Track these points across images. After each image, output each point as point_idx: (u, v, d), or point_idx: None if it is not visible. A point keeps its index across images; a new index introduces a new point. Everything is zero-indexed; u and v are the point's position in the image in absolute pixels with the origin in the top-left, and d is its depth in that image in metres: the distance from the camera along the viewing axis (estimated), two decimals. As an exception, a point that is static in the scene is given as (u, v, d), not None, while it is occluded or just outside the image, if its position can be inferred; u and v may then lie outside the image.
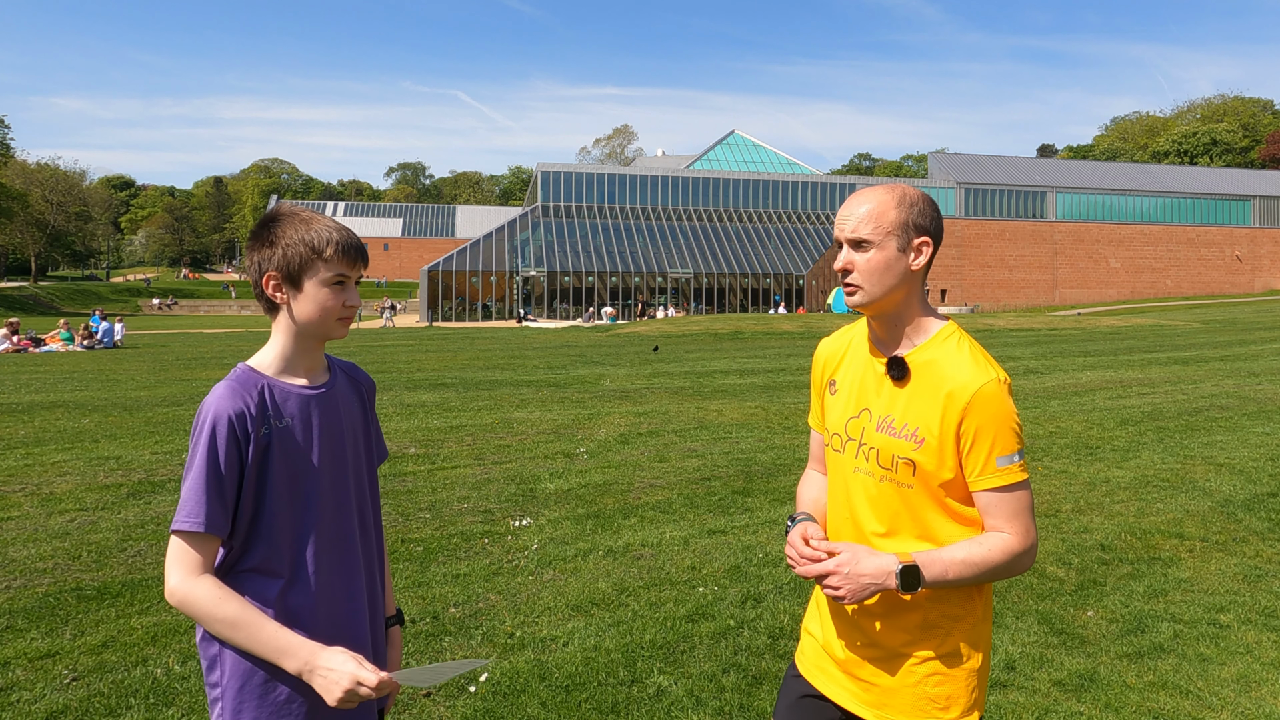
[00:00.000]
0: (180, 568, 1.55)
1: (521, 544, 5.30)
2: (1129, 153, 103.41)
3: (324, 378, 1.77)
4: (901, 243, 1.69)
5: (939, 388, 1.66)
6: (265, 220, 1.71)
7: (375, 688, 1.49)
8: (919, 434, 1.67)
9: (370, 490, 1.82)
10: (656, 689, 3.47)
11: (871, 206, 1.70)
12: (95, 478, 6.92)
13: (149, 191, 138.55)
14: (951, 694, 1.71)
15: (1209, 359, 17.31)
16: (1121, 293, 66.74)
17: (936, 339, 1.71)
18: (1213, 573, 4.85)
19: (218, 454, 1.56)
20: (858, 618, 1.76)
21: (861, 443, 1.76)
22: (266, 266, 1.68)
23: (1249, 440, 8.54)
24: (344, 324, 1.73)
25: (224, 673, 1.60)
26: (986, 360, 1.68)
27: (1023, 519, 1.65)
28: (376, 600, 1.81)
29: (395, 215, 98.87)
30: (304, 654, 1.53)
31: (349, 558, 1.73)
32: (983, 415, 1.62)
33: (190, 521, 1.54)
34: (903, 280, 1.70)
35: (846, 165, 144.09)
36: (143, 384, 13.95)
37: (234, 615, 1.53)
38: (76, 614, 4.17)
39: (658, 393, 12.35)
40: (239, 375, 1.66)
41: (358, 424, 1.81)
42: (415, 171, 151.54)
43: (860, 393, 1.78)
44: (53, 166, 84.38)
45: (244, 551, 1.63)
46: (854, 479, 1.77)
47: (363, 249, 1.73)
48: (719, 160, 69.85)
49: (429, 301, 49.12)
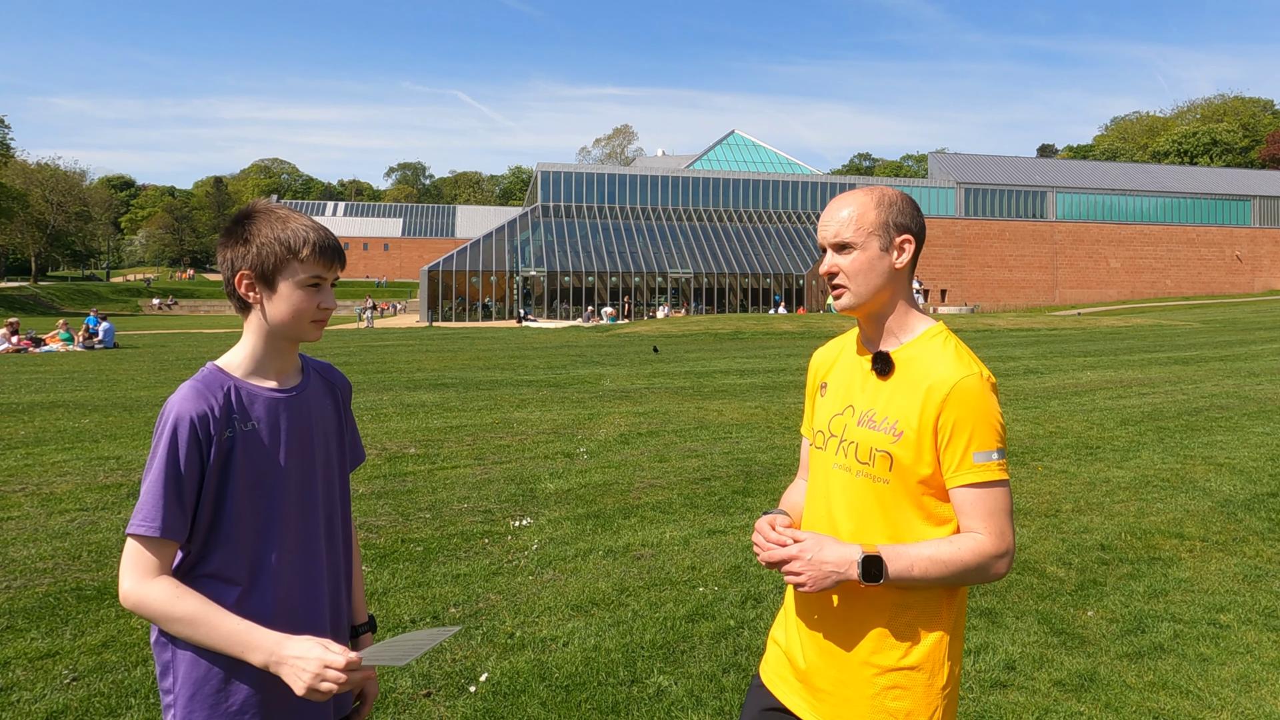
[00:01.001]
0: (135, 571, 1.51)
1: (521, 544, 5.30)
2: (1129, 153, 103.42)
3: (296, 380, 1.72)
4: (884, 242, 1.71)
5: (920, 382, 1.65)
6: (240, 216, 1.65)
7: (344, 668, 1.45)
8: (898, 427, 1.66)
9: (341, 496, 1.77)
10: (656, 689, 3.47)
11: (852, 210, 1.72)
12: (95, 478, 6.92)
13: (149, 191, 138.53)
14: (911, 710, 1.65)
15: (1209, 359, 17.31)
16: (1121, 293, 66.74)
17: (923, 337, 1.73)
18: (1213, 573, 4.85)
19: (178, 456, 1.51)
20: (820, 622, 1.73)
21: (843, 439, 1.75)
22: (239, 265, 1.62)
23: (1249, 440, 8.54)
24: (317, 326, 1.67)
25: (176, 680, 1.57)
26: (970, 357, 1.68)
27: (998, 520, 1.61)
28: (340, 609, 1.76)
29: (395, 215, 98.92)
30: (268, 645, 1.49)
31: (312, 565, 1.67)
32: (961, 408, 1.61)
33: (146, 525, 1.50)
34: (888, 279, 1.72)
35: (846, 165, 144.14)
36: (143, 384, 13.95)
37: (192, 612, 1.49)
38: (76, 614, 4.17)
39: (658, 393, 12.35)
40: (205, 375, 1.61)
41: (330, 427, 1.76)
42: (415, 171, 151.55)
43: (846, 390, 1.79)
44: (53, 166, 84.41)
45: (201, 556, 1.58)
46: (832, 475, 1.76)
47: (340, 250, 1.68)
48: (719, 160, 69.84)
49: (429, 301, 49.12)
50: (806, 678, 1.75)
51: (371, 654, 1.51)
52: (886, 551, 1.60)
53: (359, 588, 1.88)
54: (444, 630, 1.58)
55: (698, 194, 59.19)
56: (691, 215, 58.40)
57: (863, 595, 1.67)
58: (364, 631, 1.87)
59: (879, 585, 1.61)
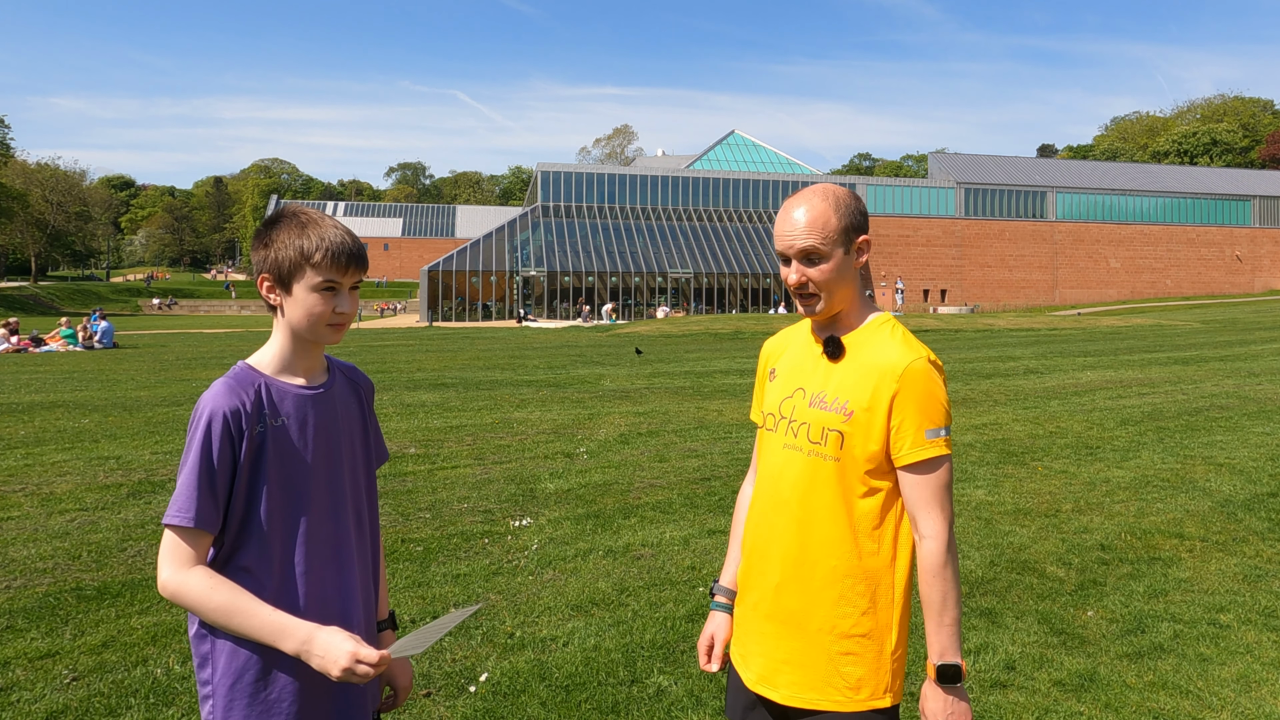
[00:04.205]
0: (172, 561, 1.55)
1: (521, 544, 5.30)
2: (1129, 153, 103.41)
3: (322, 378, 1.76)
4: (847, 247, 1.79)
5: (871, 365, 1.75)
6: (267, 220, 1.70)
7: (376, 664, 1.50)
8: (849, 407, 1.75)
9: (368, 492, 1.81)
10: (656, 689, 3.47)
11: (813, 217, 1.76)
12: (95, 478, 6.92)
13: (149, 191, 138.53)
14: (863, 676, 1.75)
15: (1209, 359, 17.31)
16: (1121, 293, 66.73)
17: (871, 325, 1.82)
18: (1213, 573, 4.85)
19: (212, 450, 1.56)
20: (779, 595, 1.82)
21: (793, 420, 1.83)
22: (261, 268, 1.68)
23: (1249, 440, 8.54)
24: (335, 330, 1.70)
25: (215, 670, 1.60)
26: (917, 343, 1.78)
27: (940, 496, 1.72)
28: (370, 603, 1.79)
29: (395, 215, 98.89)
30: (301, 634, 1.53)
31: (343, 559, 1.71)
32: (912, 390, 1.71)
33: (181, 516, 1.54)
34: (851, 280, 1.81)
35: (846, 165, 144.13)
36: (143, 384, 13.95)
37: (227, 601, 1.53)
38: (76, 614, 4.17)
39: (658, 393, 12.35)
40: (237, 373, 1.66)
41: (355, 425, 1.80)
42: (415, 171, 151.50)
43: (796, 374, 1.88)
44: (53, 166, 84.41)
45: (235, 549, 1.62)
46: (782, 455, 1.84)
47: (358, 255, 1.68)
48: (719, 160, 69.84)
49: (429, 301, 49.13)
50: (769, 650, 1.83)
51: (399, 647, 1.56)
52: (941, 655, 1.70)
53: (383, 584, 1.92)
54: (467, 610, 1.62)
55: (698, 194, 59.19)
56: (691, 215, 58.39)
57: (816, 565, 1.77)
58: (385, 628, 1.90)
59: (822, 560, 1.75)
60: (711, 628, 1.96)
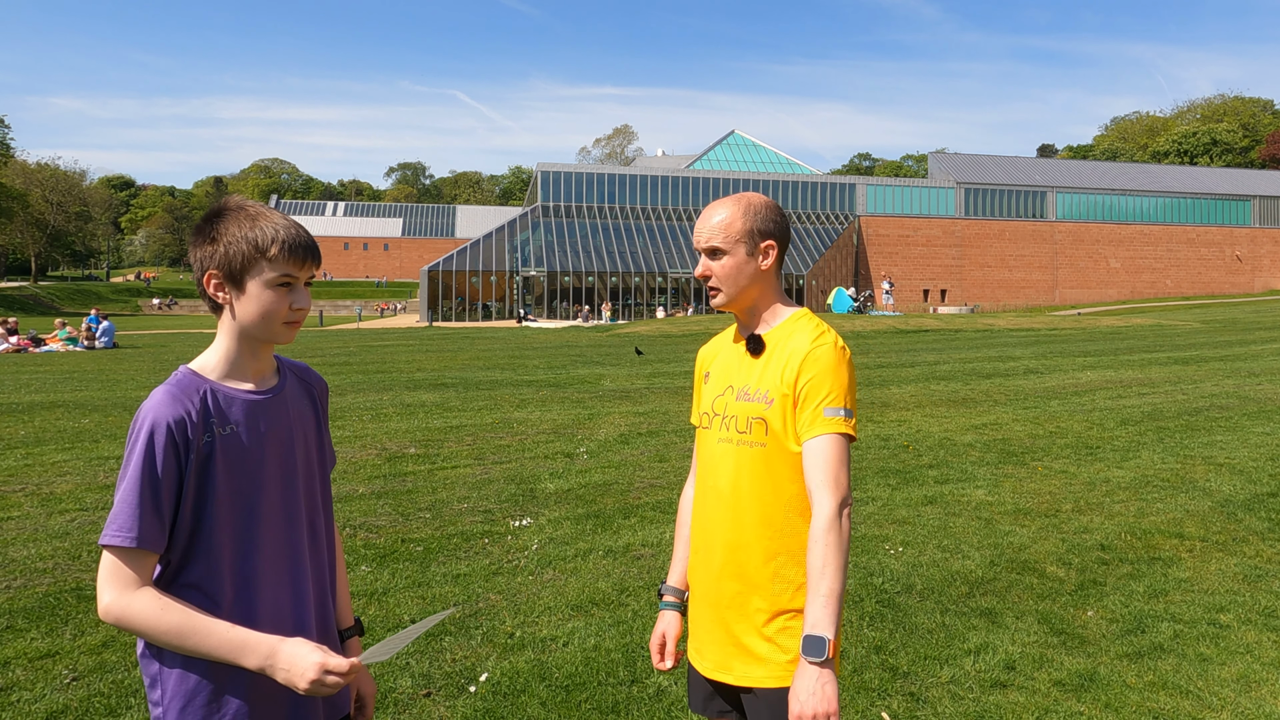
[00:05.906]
0: (114, 584, 1.45)
1: (521, 544, 5.30)
2: (1129, 153, 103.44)
3: (273, 381, 1.66)
4: (750, 248, 1.92)
5: (785, 353, 1.87)
6: (209, 215, 1.59)
7: (346, 673, 1.44)
8: (769, 395, 1.86)
9: (322, 497, 1.73)
10: (656, 689, 3.47)
11: (722, 218, 1.92)
12: (95, 478, 6.92)
13: (149, 191, 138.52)
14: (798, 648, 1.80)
15: (1209, 359, 17.31)
16: (1121, 293, 66.73)
17: (789, 320, 1.94)
18: (1213, 573, 4.85)
19: (155, 463, 1.46)
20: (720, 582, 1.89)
21: (724, 415, 1.93)
22: (208, 264, 1.57)
23: (1249, 440, 8.54)
24: (290, 328, 1.61)
25: (165, 692, 1.52)
26: (827, 330, 1.89)
27: (834, 468, 1.76)
28: (327, 612, 1.72)
29: (395, 215, 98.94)
30: (264, 648, 1.46)
31: (297, 570, 1.63)
32: (815, 369, 1.81)
33: (122, 536, 1.44)
34: (755, 279, 1.93)
35: (846, 165, 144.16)
36: (143, 384, 13.95)
37: (180, 623, 1.44)
38: (76, 614, 4.17)
39: (658, 393, 12.35)
40: (180, 379, 1.55)
41: (309, 429, 1.71)
42: (415, 171, 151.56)
43: (726, 373, 1.98)
44: (52, 166, 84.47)
45: (182, 566, 1.52)
46: (718, 449, 1.93)
47: (313, 248, 1.60)
48: (719, 160, 69.83)
49: (429, 301, 49.12)
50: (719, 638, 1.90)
51: (370, 655, 1.51)
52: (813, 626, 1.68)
53: (344, 591, 1.84)
54: (438, 615, 1.58)
55: (698, 194, 59.18)
56: (691, 215, 58.37)
57: (751, 548, 1.85)
58: (351, 635, 1.82)
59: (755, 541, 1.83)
60: (662, 626, 2.03)
